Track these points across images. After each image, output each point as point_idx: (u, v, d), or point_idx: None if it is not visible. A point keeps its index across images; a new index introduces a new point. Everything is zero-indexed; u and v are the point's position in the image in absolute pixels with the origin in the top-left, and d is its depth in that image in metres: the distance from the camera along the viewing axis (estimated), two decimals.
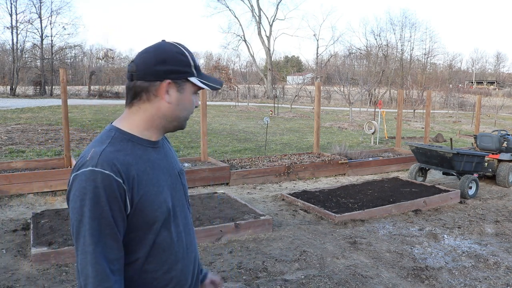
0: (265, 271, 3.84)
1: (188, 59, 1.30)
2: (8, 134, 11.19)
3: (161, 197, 1.28)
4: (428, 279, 3.82)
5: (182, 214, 1.39)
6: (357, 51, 49.57)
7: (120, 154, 1.23)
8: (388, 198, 6.17)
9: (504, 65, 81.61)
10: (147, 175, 1.26)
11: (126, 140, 1.28)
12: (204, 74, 1.34)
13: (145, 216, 1.24)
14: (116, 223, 1.19)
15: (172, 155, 1.45)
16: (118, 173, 1.18)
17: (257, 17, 43.44)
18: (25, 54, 34.73)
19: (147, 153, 1.30)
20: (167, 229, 1.30)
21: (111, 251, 1.18)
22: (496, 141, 7.84)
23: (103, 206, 1.16)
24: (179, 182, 1.41)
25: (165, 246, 1.29)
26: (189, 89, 1.31)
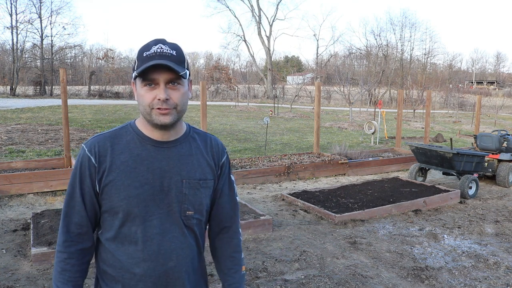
0: (265, 271, 3.84)
1: (136, 56, 1.34)
2: (8, 134, 11.19)
3: (132, 192, 1.31)
4: (428, 279, 3.82)
5: (165, 220, 1.34)
6: (357, 51, 49.62)
7: (108, 140, 1.35)
8: (388, 198, 6.17)
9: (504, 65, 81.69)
10: (125, 166, 1.32)
11: (130, 132, 1.38)
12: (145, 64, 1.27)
13: (111, 202, 1.32)
14: (83, 194, 1.34)
15: (191, 161, 1.39)
16: (94, 154, 1.33)
17: (257, 17, 43.47)
18: (25, 54, 34.74)
19: (141, 148, 1.35)
20: (135, 225, 1.33)
21: (75, 215, 1.35)
22: (496, 141, 7.84)
23: (77, 177, 1.35)
24: (178, 189, 1.35)
25: (130, 240, 1.33)
26: (138, 83, 1.32)
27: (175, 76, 1.30)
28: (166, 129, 1.36)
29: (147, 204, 1.32)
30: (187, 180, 1.37)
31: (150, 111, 1.31)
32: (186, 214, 1.37)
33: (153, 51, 1.29)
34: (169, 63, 1.27)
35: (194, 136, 1.45)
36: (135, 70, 1.31)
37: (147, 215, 1.32)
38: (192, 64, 73.63)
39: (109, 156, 1.32)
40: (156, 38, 1.34)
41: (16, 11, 32.50)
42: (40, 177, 6.25)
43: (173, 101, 1.31)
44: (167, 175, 1.34)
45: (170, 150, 1.37)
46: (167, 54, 1.29)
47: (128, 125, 1.40)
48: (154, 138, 1.36)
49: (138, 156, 1.33)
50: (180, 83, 1.32)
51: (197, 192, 1.39)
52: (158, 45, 1.31)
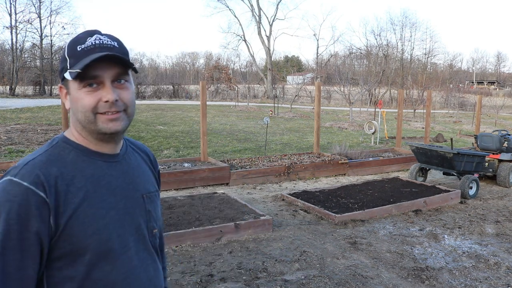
0: (265, 271, 3.83)
1: (65, 51, 1.09)
2: (7, 134, 11.18)
3: (101, 222, 1.05)
4: (429, 279, 3.81)
5: (139, 246, 1.14)
6: (357, 51, 49.61)
7: (52, 164, 1.04)
8: (388, 198, 6.16)
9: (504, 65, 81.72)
10: (84, 192, 1.05)
11: (69, 150, 1.10)
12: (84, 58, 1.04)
13: (74, 243, 1.02)
14: (26, 247, 0.97)
15: (140, 173, 1.21)
16: (40, 186, 0.99)
17: (257, 17, 43.46)
18: (25, 54, 34.76)
19: (93, 166, 1.10)
20: (109, 264, 1.06)
21: (10, 281, 0.96)
22: (496, 141, 7.83)
23: (11, 225, 0.96)
24: (141, 207, 1.17)
25: (105, 285, 1.06)
26: (72, 86, 1.07)
27: (122, 71, 1.08)
28: (114, 139, 1.13)
29: (119, 234, 1.08)
30: (146, 195, 1.19)
31: (95, 118, 1.06)
32: (153, 233, 1.20)
33: (91, 43, 1.06)
34: (118, 54, 1.06)
35: (130, 145, 1.26)
36: (68, 69, 1.06)
37: (121, 246, 1.09)
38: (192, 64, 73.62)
39: (60, 185, 1.02)
40: (88, 30, 1.11)
41: (15, 10, 32.50)
42: None
43: (123, 103, 1.09)
44: (128, 194, 1.14)
45: (121, 164, 1.16)
46: (109, 46, 1.08)
47: (59, 142, 1.11)
48: (102, 152, 1.13)
49: (93, 176, 1.08)
50: (127, 80, 1.11)
51: (156, 206, 1.23)
52: (95, 36, 1.08)
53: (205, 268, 3.87)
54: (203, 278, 3.66)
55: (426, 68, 47.50)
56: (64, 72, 1.08)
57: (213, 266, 3.92)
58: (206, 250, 4.29)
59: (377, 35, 55.39)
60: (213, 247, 4.36)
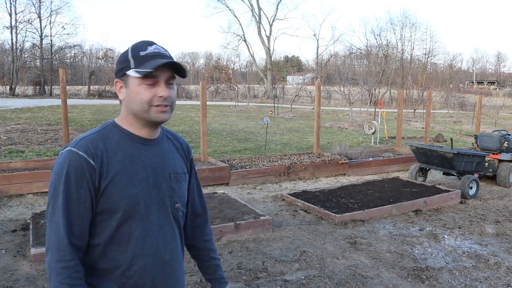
0: (265, 271, 3.83)
1: (127, 53, 1.34)
2: (7, 134, 11.17)
3: (132, 190, 1.32)
4: (429, 279, 3.81)
5: (160, 215, 1.39)
6: (357, 51, 49.61)
7: (101, 141, 1.32)
8: (388, 198, 6.16)
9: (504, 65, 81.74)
10: (122, 165, 1.32)
11: (116, 132, 1.37)
12: (149, 62, 1.30)
13: (111, 202, 1.29)
14: (82, 200, 1.27)
15: (172, 157, 1.47)
16: (91, 155, 1.28)
17: (257, 17, 43.45)
18: (25, 54, 34.74)
19: (132, 147, 1.36)
20: (134, 223, 1.33)
21: (74, 226, 1.26)
22: (496, 141, 7.83)
23: (72, 183, 1.26)
24: (167, 184, 1.41)
25: (129, 238, 1.33)
26: (132, 81, 1.32)
27: (172, 75, 1.35)
28: (157, 126, 1.40)
29: (146, 201, 1.35)
30: (173, 175, 1.44)
31: (149, 108, 1.32)
32: (175, 207, 1.44)
33: (152, 51, 1.32)
34: (178, 62, 1.33)
35: (167, 135, 1.52)
36: (133, 68, 1.32)
37: (146, 211, 1.35)
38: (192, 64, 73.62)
39: (105, 156, 1.31)
40: (145, 40, 1.38)
41: (15, 10, 32.50)
42: (39, 177, 6.23)
43: (170, 99, 1.36)
44: (157, 172, 1.39)
45: (155, 148, 1.42)
46: (166, 55, 1.35)
47: (109, 125, 1.39)
48: (142, 136, 1.39)
49: (132, 154, 1.35)
50: (174, 83, 1.38)
51: (181, 186, 1.47)
52: (154, 46, 1.35)
53: None
54: (203, 278, 3.66)
55: (426, 68, 47.49)
56: (126, 70, 1.33)
57: None
58: None
59: (377, 35, 55.53)
60: None
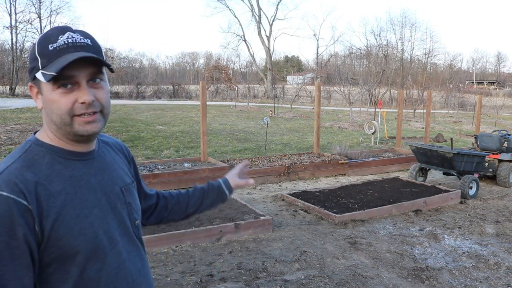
0: (265, 271, 3.83)
1: (35, 49, 1.04)
2: (7, 134, 11.17)
3: (86, 222, 1.05)
4: (429, 279, 3.81)
5: (125, 239, 1.15)
6: (357, 51, 49.60)
7: (28, 170, 1.02)
8: (388, 198, 6.16)
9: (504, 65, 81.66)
10: (65, 195, 1.03)
11: (44, 152, 1.07)
12: (59, 59, 1.01)
13: (62, 246, 1.01)
14: (17, 256, 0.96)
15: (116, 167, 1.21)
16: (21, 194, 0.97)
17: (257, 17, 43.45)
18: (25, 54, 34.68)
19: (70, 167, 1.08)
20: (99, 261, 1.07)
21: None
22: (496, 141, 7.83)
23: (3, 242, 0.94)
24: (121, 201, 1.17)
25: (98, 283, 1.07)
26: (44, 87, 1.04)
27: (97, 70, 1.05)
28: (90, 140, 1.11)
29: (105, 230, 1.09)
30: (124, 188, 1.20)
31: (71, 120, 1.04)
32: (136, 224, 1.22)
33: (64, 42, 1.02)
34: (92, 54, 1.02)
35: (102, 140, 1.26)
36: (41, 69, 1.02)
37: (109, 242, 1.09)
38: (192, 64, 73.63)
39: (40, 190, 1.00)
40: (59, 26, 1.07)
41: (15, 10, 32.48)
42: None
43: (99, 103, 1.06)
44: (107, 189, 1.14)
45: (96, 161, 1.16)
46: (83, 44, 1.03)
47: (32, 146, 1.08)
48: (78, 151, 1.11)
49: (71, 177, 1.07)
50: (103, 79, 1.08)
51: (135, 197, 1.24)
52: (67, 34, 1.03)
53: (205, 268, 3.88)
54: (203, 278, 3.66)
55: (426, 68, 47.48)
56: (36, 72, 1.03)
57: (213, 266, 3.92)
58: (206, 250, 4.29)
59: (377, 35, 55.35)
60: (213, 247, 4.36)
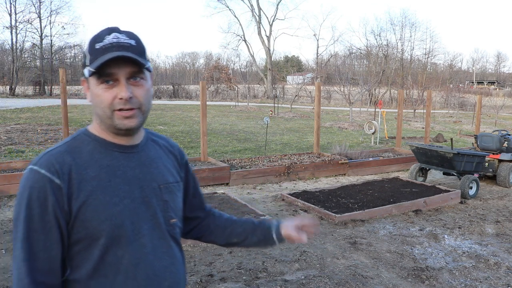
0: (265, 271, 3.83)
1: (86, 49, 1.12)
2: (7, 134, 11.18)
3: (114, 209, 1.10)
4: (429, 279, 3.81)
5: (153, 235, 1.17)
6: (357, 51, 49.60)
7: (69, 155, 1.11)
8: (388, 198, 6.16)
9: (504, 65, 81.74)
10: (98, 181, 1.10)
11: (88, 141, 1.16)
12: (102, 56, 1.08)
13: (89, 228, 1.08)
14: (48, 229, 1.06)
15: (160, 164, 1.24)
16: (55, 173, 1.07)
17: (257, 17, 43.46)
18: (25, 54, 34.75)
19: (110, 157, 1.15)
20: (121, 249, 1.11)
21: (39, 261, 1.06)
22: (496, 141, 7.83)
23: (34, 210, 1.05)
24: (157, 197, 1.19)
25: (117, 268, 1.11)
26: (92, 82, 1.11)
27: (137, 69, 1.11)
28: (130, 133, 1.17)
29: (133, 221, 1.13)
30: (164, 186, 1.22)
31: (111, 113, 1.11)
32: (171, 223, 1.23)
33: (108, 42, 1.09)
34: (131, 54, 1.09)
35: (153, 138, 1.31)
36: (88, 66, 1.10)
37: (134, 233, 1.13)
38: (192, 64, 73.63)
39: (75, 172, 1.09)
40: (109, 27, 1.14)
41: (15, 10, 32.55)
42: None
43: (137, 100, 1.12)
44: (144, 184, 1.17)
45: (139, 155, 1.20)
46: (126, 45, 1.10)
47: (81, 134, 1.18)
48: (120, 143, 1.17)
49: (109, 166, 1.13)
50: (143, 78, 1.14)
51: (175, 197, 1.26)
52: (113, 35, 1.11)
53: (205, 268, 3.88)
54: (203, 278, 3.66)
55: (426, 68, 47.44)
56: (84, 68, 1.13)
57: (213, 266, 3.92)
58: (206, 250, 4.29)
59: (377, 35, 55.46)
60: (213, 247, 4.36)
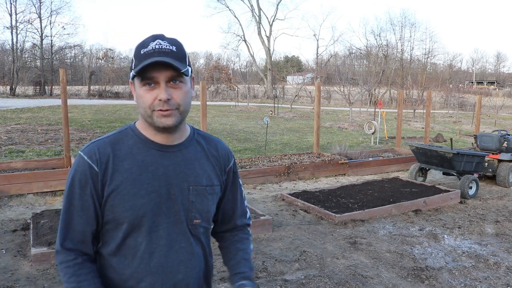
0: (265, 271, 3.84)
1: (134, 54, 1.24)
2: (8, 134, 11.18)
3: (138, 201, 1.23)
4: (428, 279, 3.82)
5: (173, 229, 1.28)
6: (357, 51, 49.59)
7: (110, 146, 1.26)
8: (388, 198, 6.17)
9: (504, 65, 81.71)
10: (129, 173, 1.24)
11: (131, 136, 1.30)
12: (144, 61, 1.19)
13: (115, 212, 1.23)
14: (86, 207, 1.24)
15: (196, 166, 1.32)
16: (95, 161, 1.23)
17: (257, 17, 43.46)
18: (25, 54, 34.76)
19: (146, 153, 1.27)
20: (141, 236, 1.25)
21: (74, 232, 1.25)
22: (496, 141, 7.84)
23: (76, 189, 1.24)
24: (184, 197, 1.29)
25: (135, 252, 1.26)
26: (136, 83, 1.24)
27: (176, 73, 1.21)
28: (169, 132, 1.27)
29: (154, 214, 1.25)
30: (193, 187, 1.30)
31: (151, 113, 1.22)
32: (193, 222, 1.31)
33: (151, 48, 1.20)
34: (169, 59, 1.19)
35: (199, 140, 1.38)
36: (133, 69, 1.22)
37: (154, 225, 1.25)
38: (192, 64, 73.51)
39: (111, 162, 1.24)
40: (154, 34, 1.26)
41: (15, 11, 32.55)
42: (39, 177, 6.24)
43: (175, 101, 1.22)
44: (173, 182, 1.27)
45: (175, 155, 1.30)
46: (167, 51, 1.21)
47: (128, 128, 1.32)
48: (158, 142, 1.28)
49: (143, 162, 1.26)
50: (182, 81, 1.24)
51: (204, 199, 1.33)
52: (157, 41, 1.22)
53: None
54: None
55: (425, 68, 47.40)
56: (130, 71, 1.25)
57: (216, 269, 3.92)
58: None
59: (377, 35, 55.35)
60: (213, 247, 4.36)
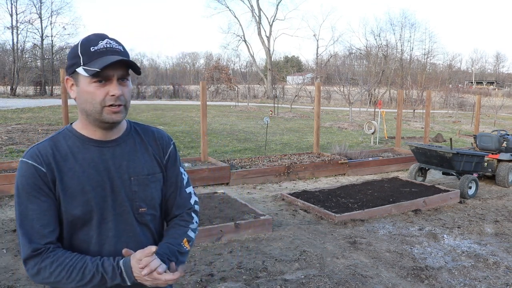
0: (265, 271, 3.85)
1: (77, 49, 1.26)
2: (8, 134, 11.19)
3: (84, 197, 1.28)
4: (428, 278, 3.83)
5: (120, 221, 1.34)
6: (357, 51, 49.60)
7: (49, 147, 1.30)
8: (388, 198, 6.18)
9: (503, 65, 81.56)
10: (73, 172, 1.28)
11: (69, 136, 1.33)
12: (99, 59, 1.23)
13: (67, 209, 1.28)
14: (40, 206, 1.26)
15: (135, 157, 1.38)
16: (40, 163, 1.26)
17: (257, 17, 43.48)
18: (26, 54, 34.77)
19: (86, 151, 1.32)
20: (91, 230, 1.32)
21: (33, 232, 1.26)
22: (495, 141, 7.85)
23: (27, 193, 1.26)
24: (126, 188, 1.34)
25: (88, 245, 1.32)
26: (82, 80, 1.25)
27: (126, 72, 1.29)
28: (111, 128, 1.33)
29: (101, 207, 1.31)
30: (135, 177, 1.36)
31: (102, 109, 1.26)
32: (139, 211, 1.38)
33: (103, 47, 1.25)
34: (127, 59, 1.26)
35: (137, 131, 1.44)
36: (82, 65, 1.24)
37: (102, 218, 1.32)
38: (192, 64, 73.63)
39: (54, 163, 1.28)
40: (97, 33, 1.30)
41: (16, 11, 32.58)
42: None
43: (124, 98, 1.29)
44: (115, 175, 1.33)
45: (114, 149, 1.35)
46: (118, 50, 1.28)
47: (65, 130, 1.36)
48: (97, 139, 1.33)
49: (84, 159, 1.31)
50: (128, 79, 1.31)
51: (147, 188, 1.38)
52: (106, 40, 1.27)
53: (205, 267, 3.90)
54: (203, 277, 3.68)
55: (425, 69, 47.40)
56: (76, 67, 1.26)
57: (213, 266, 3.94)
58: (206, 250, 4.31)
59: (377, 36, 55.46)
60: (213, 247, 4.38)
